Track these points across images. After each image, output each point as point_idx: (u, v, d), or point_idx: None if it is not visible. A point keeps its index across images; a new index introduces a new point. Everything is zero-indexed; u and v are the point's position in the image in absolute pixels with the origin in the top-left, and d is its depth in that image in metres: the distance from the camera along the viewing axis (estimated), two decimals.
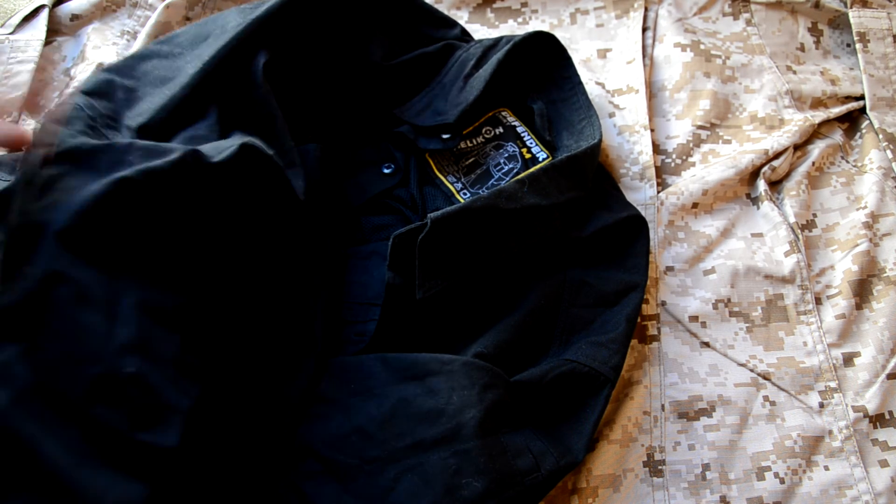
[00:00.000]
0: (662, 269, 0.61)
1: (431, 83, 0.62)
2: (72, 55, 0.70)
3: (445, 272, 0.51)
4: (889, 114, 0.69)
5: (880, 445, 0.55)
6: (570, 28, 0.74)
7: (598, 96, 0.69)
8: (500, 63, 0.59)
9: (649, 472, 0.54)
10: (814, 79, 0.71)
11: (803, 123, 0.67)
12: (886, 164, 0.66)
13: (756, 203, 0.65)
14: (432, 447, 0.44)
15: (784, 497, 0.53)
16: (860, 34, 0.71)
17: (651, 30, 0.73)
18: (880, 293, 0.60)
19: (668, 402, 0.56)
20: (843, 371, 0.58)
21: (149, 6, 0.73)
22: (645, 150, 0.65)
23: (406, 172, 0.61)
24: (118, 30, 0.71)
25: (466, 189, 0.60)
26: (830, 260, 0.62)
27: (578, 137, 0.59)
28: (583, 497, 0.52)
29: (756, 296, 0.60)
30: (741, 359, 0.58)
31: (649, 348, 0.58)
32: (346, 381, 0.48)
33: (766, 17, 0.74)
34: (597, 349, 0.51)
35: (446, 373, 0.46)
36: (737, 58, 0.71)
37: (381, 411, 0.45)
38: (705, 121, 0.68)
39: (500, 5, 0.75)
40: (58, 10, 0.71)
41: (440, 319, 0.52)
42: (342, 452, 0.44)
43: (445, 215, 0.49)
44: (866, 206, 0.64)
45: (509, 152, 0.62)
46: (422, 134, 0.60)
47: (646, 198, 0.63)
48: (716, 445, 0.55)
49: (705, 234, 0.63)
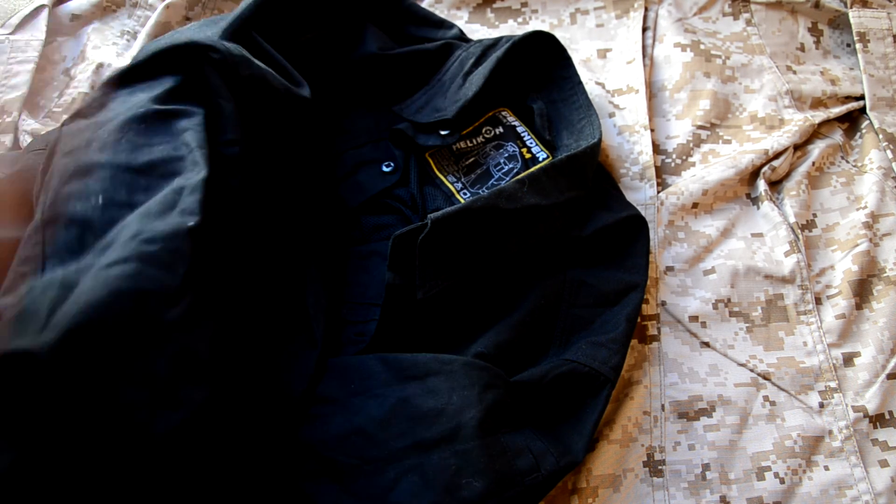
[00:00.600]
0: (662, 269, 0.61)
1: (431, 81, 0.62)
2: (72, 55, 0.69)
3: (445, 272, 0.51)
4: (889, 114, 0.69)
5: (880, 445, 0.55)
6: (570, 28, 0.74)
7: (598, 96, 0.69)
8: (500, 61, 0.59)
9: (649, 472, 0.54)
10: (814, 79, 0.71)
11: (803, 123, 0.67)
12: (886, 164, 0.66)
13: (756, 203, 0.65)
14: (432, 447, 0.44)
15: (784, 497, 0.53)
16: (860, 34, 0.71)
17: (651, 30, 0.73)
18: (880, 293, 0.60)
19: (668, 402, 0.56)
20: (843, 371, 0.58)
21: (149, 6, 0.73)
22: (645, 150, 0.65)
23: (406, 172, 0.61)
24: (118, 30, 0.71)
25: (466, 189, 0.60)
26: (830, 260, 0.62)
27: (578, 137, 0.59)
28: (583, 497, 0.52)
29: (756, 296, 0.60)
30: (741, 359, 0.58)
31: (649, 348, 0.58)
32: (347, 381, 0.48)
33: (766, 17, 0.74)
34: (597, 349, 0.51)
35: (446, 373, 0.46)
36: (737, 58, 0.71)
37: (382, 411, 0.45)
38: (705, 121, 0.68)
39: (500, 5, 0.75)
40: (58, 10, 0.71)
41: (440, 319, 0.52)
42: (342, 453, 0.44)
43: (445, 215, 0.49)
44: (866, 206, 0.64)
45: (509, 152, 0.62)
46: (421, 131, 0.60)
47: (646, 198, 0.63)
48: (716, 445, 0.55)
49: (705, 234, 0.63)
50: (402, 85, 0.63)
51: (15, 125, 0.64)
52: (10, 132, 0.63)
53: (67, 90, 0.67)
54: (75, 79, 0.68)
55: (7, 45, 0.67)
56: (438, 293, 0.50)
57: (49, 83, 0.68)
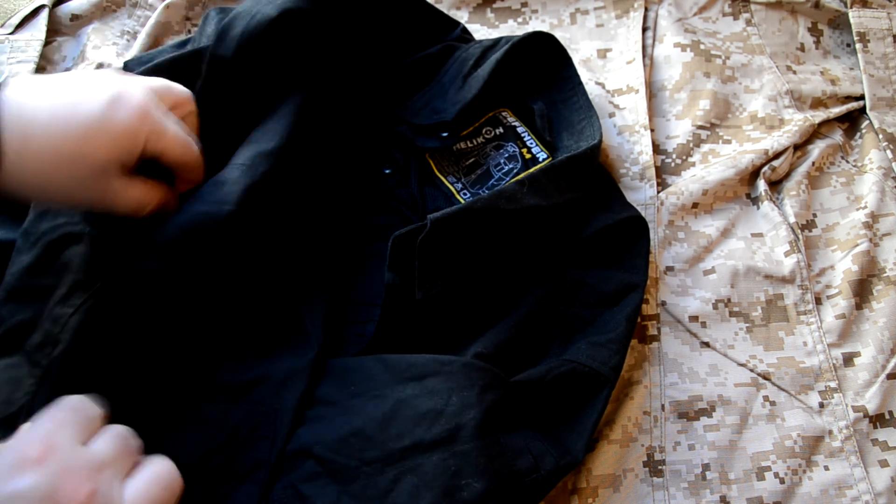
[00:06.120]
0: (662, 269, 0.61)
1: (430, 83, 0.62)
2: (72, 55, 0.70)
3: (445, 273, 0.51)
4: (889, 114, 0.69)
5: (880, 445, 0.55)
6: (570, 28, 0.74)
7: (598, 96, 0.69)
8: (499, 62, 0.59)
9: (649, 472, 0.54)
10: (814, 79, 0.71)
11: (803, 123, 0.67)
12: (886, 164, 0.66)
13: (756, 203, 0.65)
14: (432, 448, 0.44)
15: (784, 497, 0.53)
16: (860, 34, 0.71)
17: (651, 30, 0.73)
18: (880, 293, 0.60)
19: (668, 402, 0.56)
20: (843, 371, 0.58)
21: (149, 6, 0.73)
22: (645, 150, 0.65)
23: (406, 173, 0.61)
24: (118, 30, 0.71)
25: (466, 189, 0.60)
26: (830, 260, 0.62)
27: (579, 138, 0.59)
28: (583, 497, 0.52)
29: (756, 296, 0.60)
30: (741, 359, 0.58)
31: (649, 348, 0.58)
32: (346, 382, 0.48)
33: (766, 17, 0.74)
34: (597, 349, 0.51)
35: (446, 373, 0.46)
36: (737, 58, 0.71)
37: (381, 412, 0.45)
38: (705, 121, 0.68)
39: (500, 5, 0.75)
40: (58, 10, 0.71)
41: (440, 320, 0.52)
42: (341, 454, 0.44)
43: (445, 216, 0.49)
44: (866, 206, 0.64)
45: (509, 152, 0.62)
46: (420, 133, 0.60)
47: (646, 198, 0.63)
48: (716, 445, 0.55)
49: (705, 234, 0.63)
50: (403, 87, 0.63)
51: None
52: None
53: None
54: None
55: (7, 45, 0.67)
56: (438, 293, 0.50)
57: None
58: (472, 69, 0.60)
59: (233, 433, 0.47)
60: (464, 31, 0.66)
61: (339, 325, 0.54)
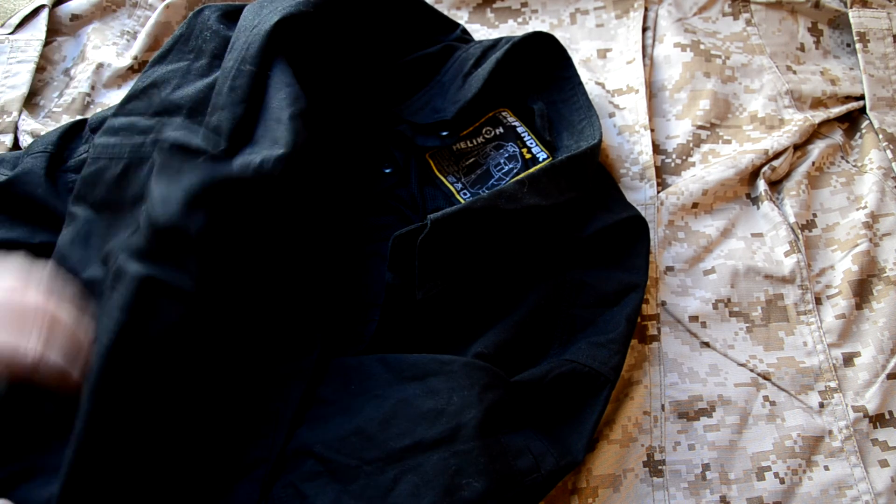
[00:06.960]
0: (662, 269, 0.61)
1: (430, 82, 0.62)
2: (72, 55, 0.70)
3: (445, 273, 0.51)
4: (889, 114, 0.69)
5: (880, 445, 0.55)
6: (570, 28, 0.74)
7: (598, 96, 0.69)
8: (499, 62, 0.59)
9: (649, 472, 0.54)
10: (814, 79, 0.71)
11: (803, 123, 0.67)
12: (886, 164, 0.66)
13: (756, 203, 0.65)
14: (432, 448, 0.44)
15: (784, 497, 0.53)
16: (860, 34, 0.71)
17: (651, 30, 0.73)
18: (880, 293, 0.60)
19: (668, 402, 0.56)
20: (843, 371, 0.58)
21: (149, 6, 0.73)
22: (645, 150, 0.65)
23: (406, 172, 0.61)
24: (118, 30, 0.71)
25: (467, 189, 0.60)
26: (830, 260, 0.62)
27: (579, 138, 0.59)
28: (583, 497, 0.52)
29: (756, 296, 0.60)
30: (741, 359, 0.58)
31: (649, 348, 0.58)
32: (347, 382, 0.48)
33: (766, 17, 0.74)
34: (597, 349, 0.51)
35: (446, 373, 0.46)
36: (737, 58, 0.71)
37: (381, 412, 0.45)
38: (705, 121, 0.68)
39: (500, 5, 0.75)
40: (58, 10, 0.71)
41: (440, 320, 0.52)
42: (342, 453, 0.44)
43: (445, 216, 0.49)
44: (866, 206, 0.64)
45: (509, 152, 0.62)
46: (420, 132, 0.60)
47: (646, 198, 0.63)
48: (716, 445, 0.55)
49: (705, 234, 0.63)
50: (403, 86, 0.63)
51: (15, 125, 0.64)
52: (10, 132, 0.63)
53: (67, 90, 0.67)
54: (75, 79, 0.68)
55: (7, 45, 0.67)
56: (438, 293, 0.50)
57: (49, 83, 0.68)
58: (473, 69, 0.60)
59: (233, 432, 0.47)
60: (464, 31, 0.66)
61: (340, 325, 0.54)
